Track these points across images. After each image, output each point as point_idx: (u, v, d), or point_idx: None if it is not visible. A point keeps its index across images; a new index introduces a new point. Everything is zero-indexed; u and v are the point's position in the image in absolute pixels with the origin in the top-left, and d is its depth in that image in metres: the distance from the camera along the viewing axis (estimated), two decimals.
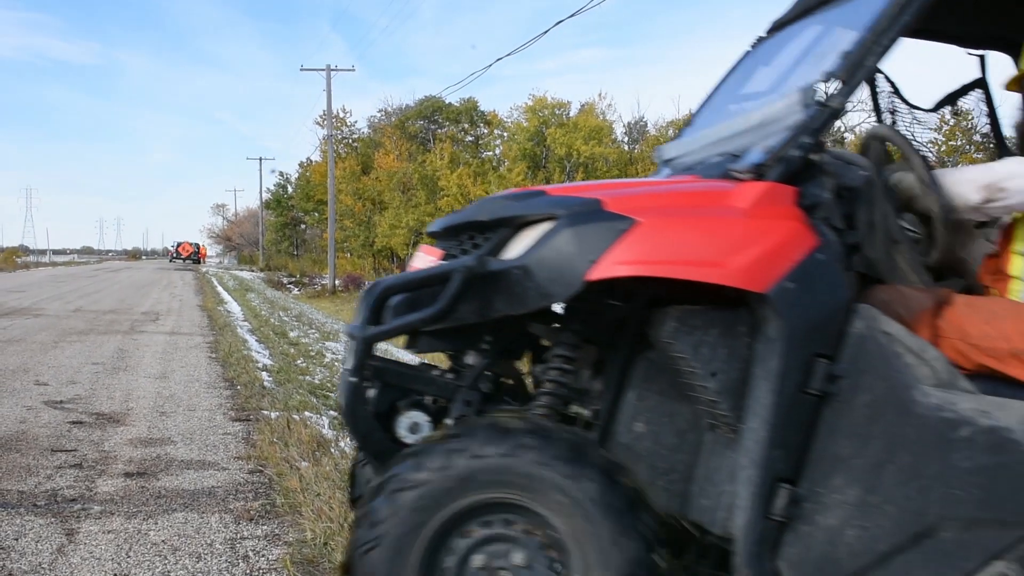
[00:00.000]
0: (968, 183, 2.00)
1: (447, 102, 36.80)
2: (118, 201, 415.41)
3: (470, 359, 2.26)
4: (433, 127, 37.77)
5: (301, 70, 31.18)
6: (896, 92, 2.63)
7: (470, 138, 37.64)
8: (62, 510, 3.56)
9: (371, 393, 2.19)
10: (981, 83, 2.81)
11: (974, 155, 26.92)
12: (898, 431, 1.85)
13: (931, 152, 2.98)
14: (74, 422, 5.29)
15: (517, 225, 2.00)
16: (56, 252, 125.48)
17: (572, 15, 19.02)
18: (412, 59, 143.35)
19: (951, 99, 2.69)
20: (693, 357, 1.92)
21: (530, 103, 28.91)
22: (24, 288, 21.93)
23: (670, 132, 24.52)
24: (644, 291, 2.04)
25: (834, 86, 1.93)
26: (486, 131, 36.82)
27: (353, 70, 35.70)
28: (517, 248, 1.97)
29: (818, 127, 1.93)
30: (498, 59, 43.33)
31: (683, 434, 2.08)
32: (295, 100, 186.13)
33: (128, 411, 5.71)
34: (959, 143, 26.91)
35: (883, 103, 2.66)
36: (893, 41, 1.95)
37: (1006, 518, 1.83)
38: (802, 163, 1.94)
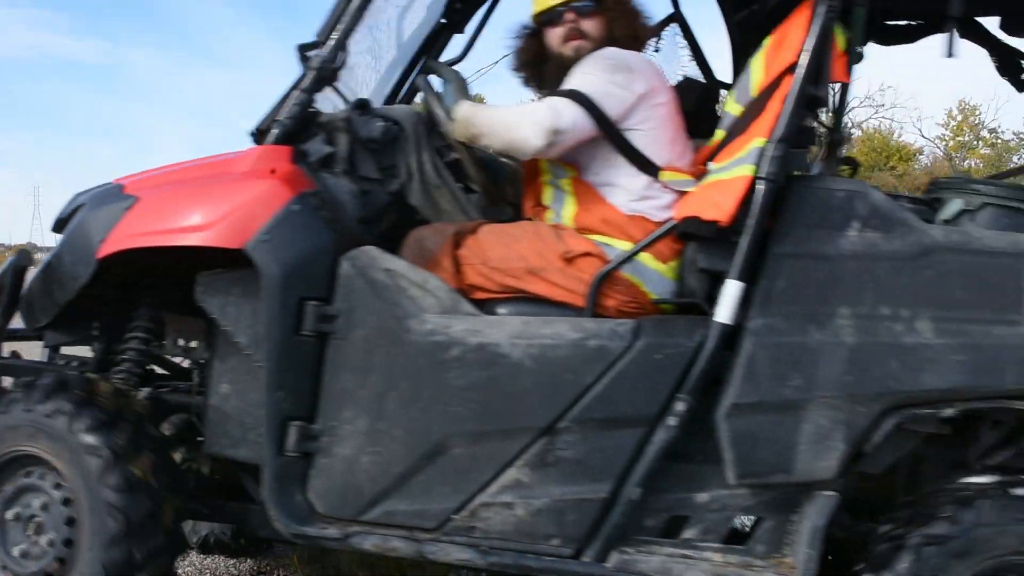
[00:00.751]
0: (530, 129, 1.98)
1: None
2: None
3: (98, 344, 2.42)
4: None
5: None
6: None
7: None
8: None
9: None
10: (676, 17, 2.85)
11: (982, 150, 26.65)
12: (395, 360, 1.94)
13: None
14: None
15: None
16: None
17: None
18: None
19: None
20: (222, 317, 2.04)
21: None
22: None
23: None
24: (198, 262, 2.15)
25: (318, 48, 2.04)
26: None
27: None
28: None
29: (307, 87, 2.03)
30: (504, 55, 43.24)
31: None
32: None
33: None
34: (966, 139, 26.72)
35: None
36: (364, 2, 2.04)
37: (508, 427, 1.90)
38: (297, 123, 2.03)
